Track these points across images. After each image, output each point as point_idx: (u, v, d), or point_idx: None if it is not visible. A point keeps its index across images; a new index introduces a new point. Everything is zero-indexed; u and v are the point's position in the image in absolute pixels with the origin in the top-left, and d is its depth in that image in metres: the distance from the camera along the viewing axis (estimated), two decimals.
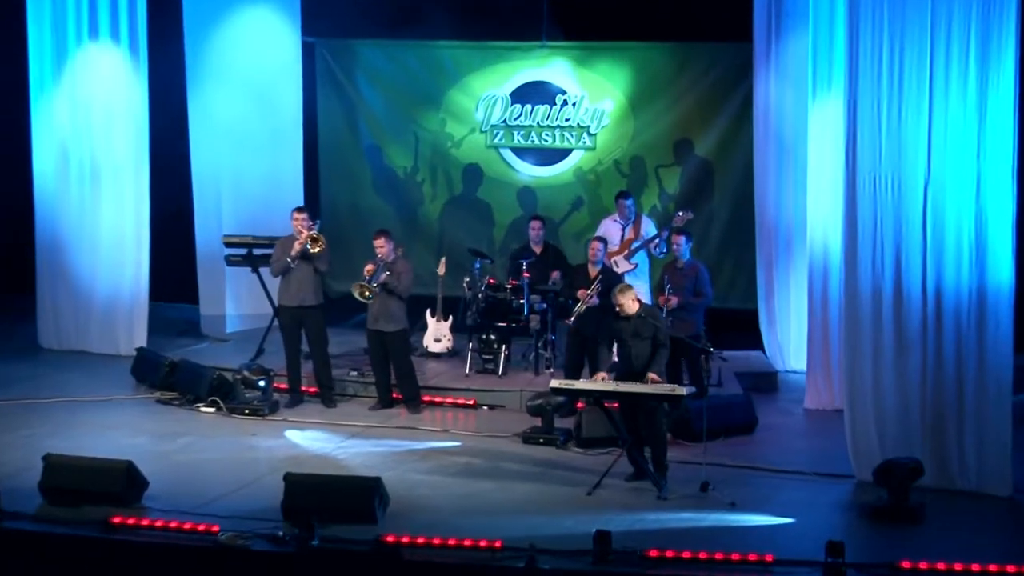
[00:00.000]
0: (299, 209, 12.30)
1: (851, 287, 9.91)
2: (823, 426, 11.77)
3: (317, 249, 12.00)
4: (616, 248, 13.21)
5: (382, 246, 12.00)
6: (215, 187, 15.10)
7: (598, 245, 12.10)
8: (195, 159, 15.03)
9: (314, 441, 11.17)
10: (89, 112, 14.11)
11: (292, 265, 12.09)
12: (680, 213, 12.83)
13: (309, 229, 12.14)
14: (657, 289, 12.10)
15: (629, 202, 13.39)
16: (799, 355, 13.31)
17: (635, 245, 13.21)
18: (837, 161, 10.19)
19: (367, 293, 11.80)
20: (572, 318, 11.76)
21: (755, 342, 14.11)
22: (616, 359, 10.29)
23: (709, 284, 12.04)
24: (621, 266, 13.12)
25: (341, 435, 11.34)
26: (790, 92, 13.23)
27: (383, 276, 11.86)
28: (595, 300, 11.71)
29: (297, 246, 12.03)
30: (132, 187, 14.12)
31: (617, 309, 10.06)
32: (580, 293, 11.80)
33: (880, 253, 9.76)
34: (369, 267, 11.89)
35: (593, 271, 12.08)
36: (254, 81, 15.16)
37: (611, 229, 13.34)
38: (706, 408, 10.13)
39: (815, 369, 12.43)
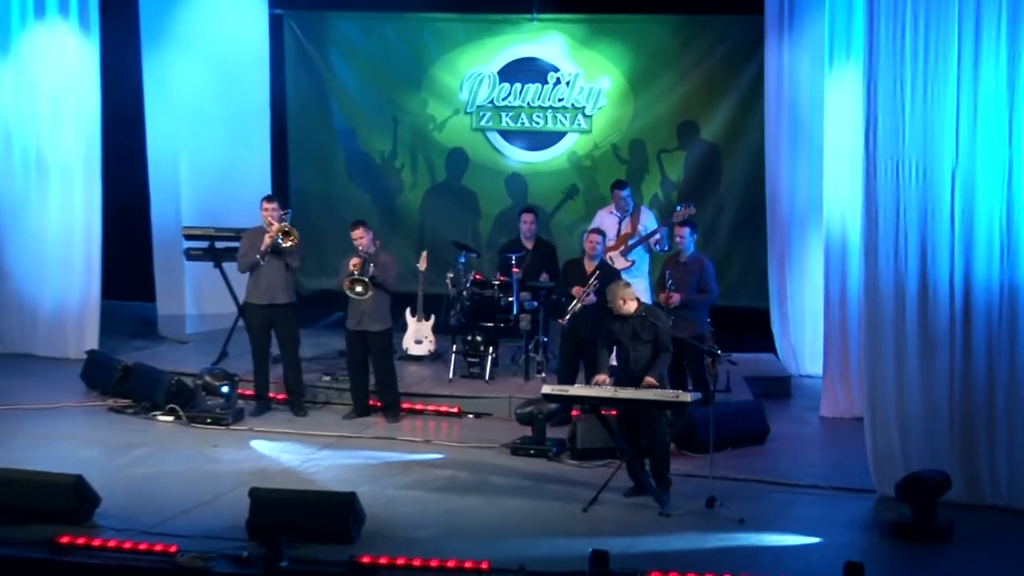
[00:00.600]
0: (269, 199, 12.30)
1: (871, 283, 9.92)
2: (841, 436, 11.78)
3: (289, 243, 12.01)
4: (612, 243, 13.22)
5: (361, 237, 12.02)
6: (173, 174, 15.13)
7: (596, 237, 12.09)
8: (152, 144, 15.06)
9: (282, 453, 11.16)
10: (35, 97, 14.10)
11: (261, 261, 12.09)
12: (680, 208, 12.79)
13: (280, 221, 12.14)
14: (658, 285, 12.13)
15: (625, 193, 13.38)
16: (815, 358, 13.34)
17: (632, 240, 13.23)
18: (857, 146, 10.17)
19: (359, 287, 11.78)
20: (566, 318, 11.75)
21: (766, 344, 14.13)
22: (615, 363, 10.31)
23: (715, 280, 12.06)
24: (616, 263, 13.11)
25: (312, 446, 11.34)
26: (806, 69, 13.31)
27: (371, 269, 11.88)
28: (592, 298, 11.74)
29: (267, 240, 12.02)
30: (82, 176, 14.13)
31: (613, 308, 10.08)
32: (575, 290, 11.82)
33: (903, 246, 9.78)
34: (355, 261, 11.91)
35: (590, 266, 12.07)
36: (216, 58, 15.18)
37: (606, 222, 13.33)
38: (712, 416, 10.04)
39: (832, 373, 12.46)
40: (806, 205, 13.50)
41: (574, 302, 11.79)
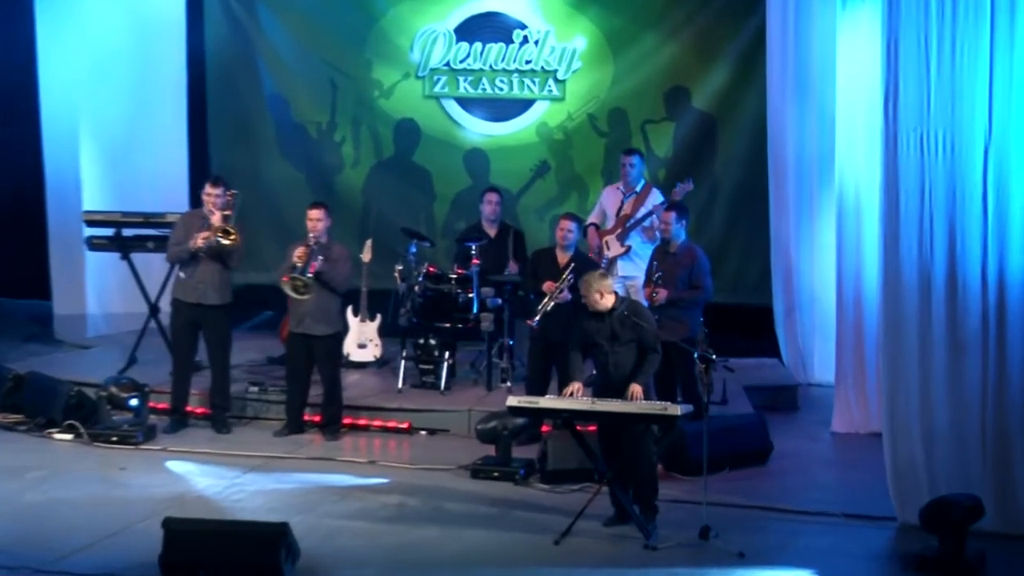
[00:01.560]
0: (213, 182, 12.31)
1: (891, 276, 9.94)
2: (856, 454, 11.83)
3: (229, 242, 12.04)
4: (613, 225, 13.33)
5: (319, 220, 12.05)
6: (72, 148, 15.13)
7: (569, 223, 12.12)
8: (46, 112, 15.06)
9: (202, 476, 11.12)
10: None
11: (193, 253, 12.14)
12: (679, 186, 12.93)
13: (226, 208, 12.14)
14: (646, 280, 12.20)
15: (634, 161, 13.38)
16: (826, 364, 13.44)
17: (630, 222, 13.28)
18: (875, 116, 10.23)
19: (300, 287, 11.81)
20: (536, 318, 11.78)
21: (769, 347, 14.21)
22: (593, 370, 10.33)
23: (708, 274, 12.06)
24: (611, 249, 13.22)
25: (237, 469, 11.31)
26: (815, 24, 13.37)
27: (317, 263, 11.92)
28: (566, 295, 11.76)
29: (199, 242, 12.05)
30: None
31: (588, 303, 10.09)
32: (547, 286, 11.85)
33: (928, 232, 9.81)
34: (300, 251, 11.90)
35: (563, 257, 12.07)
36: (125, 13, 15.17)
37: (611, 200, 13.43)
38: (707, 432, 9.95)
39: (846, 382, 12.54)
40: (816, 185, 13.62)
41: (545, 300, 11.78)
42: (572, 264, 11.88)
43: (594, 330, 10.08)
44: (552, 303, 11.75)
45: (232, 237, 11.99)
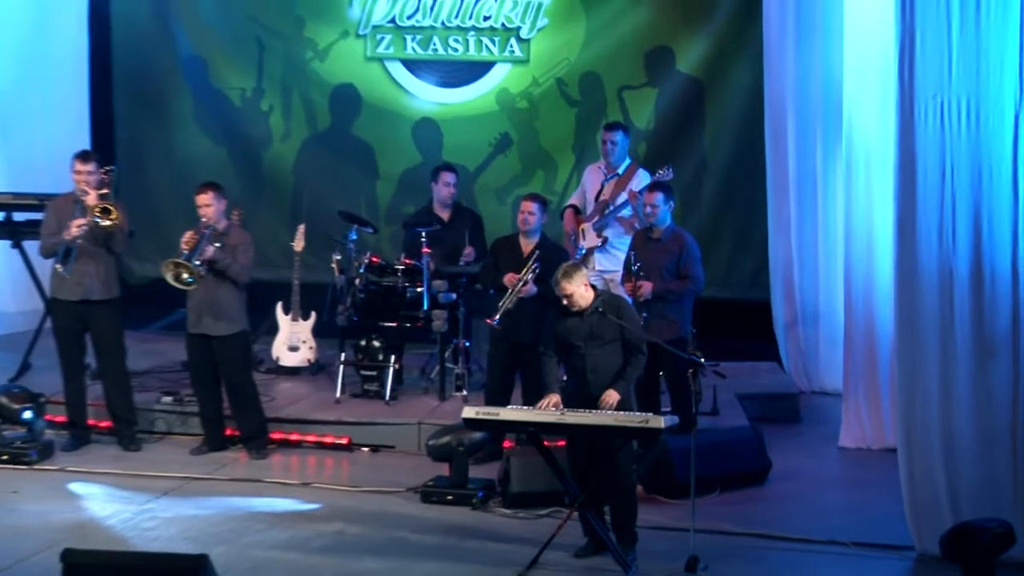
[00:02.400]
0: (83, 157, 12.26)
1: (907, 267, 9.93)
2: (867, 473, 11.88)
3: (109, 223, 11.98)
4: (591, 211, 13.36)
5: (208, 204, 12.03)
6: None
7: (531, 205, 12.12)
8: None
9: (107, 501, 11.07)
10: None
11: (71, 244, 12.04)
12: (658, 173, 12.89)
13: (100, 187, 12.08)
14: (624, 271, 12.22)
15: (617, 137, 13.35)
16: (832, 368, 13.52)
17: (609, 209, 13.30)
18: (888, 79, 10.25)
19: (185, 275, 11.81)
20: (496, 316, 11.79)
21: (767, 349, 14.25)
22: (565, 376, 10.32)
23: (699, 263, 12.06)
24: (586, 239, 13.27)
25: (148, 492, 11.28)
26: None
27: (209, 250, 11.88)
28: (531, 288, 11.77)
29: (74, 230, 11.97)
30: None
31: (563, 300, 10.05)
32: (508, 279, 11.87)
33: (950, 216, 9.80)
34: (188, 236, 11.94)
35: (527, 245, 12.07)
36: None
37: (592, 181, 13.46)
38: (695, 448, 9.88)
39: (855, 389, 12.56)
40: (822, 160, 13.63)
41: (507, 294, 11.77)
42: (536, 253, 11.87)
43: (569, 330, 10.08)
44: (515, 298, 11.74)
45: (113, 217, 11.92)
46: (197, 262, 11.82)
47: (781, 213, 14.00)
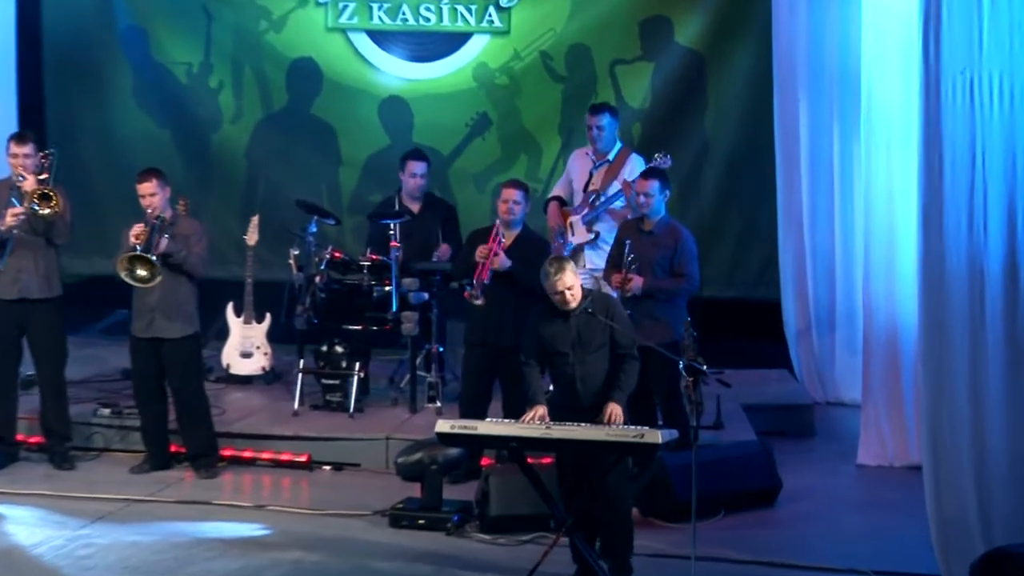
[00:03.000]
0: (19, 139, 12.30)
1: (933, 263, 9.83)
2: (888, 493, 11.88)
3: (49, 211, 11.97)
4: (579, 203, 13.32)
5: (152, 193, 12.05)
6: None
7: (514, 193, 12.18)
8: None
9: (38, 526, 11.01)
10: None
11: (7, 235, 12.05)
12: (657, 159, 12.91)
13: (38, 171, 12.10)
14: (610, 265, 12.22)
15: (604, 122, 13.25)
16: (849, 376, 13.53)
17: (601, 200, 13.24)
18: (910, 51, 10.26)
19: (144, 271, 11.79)
20: (478, 291, 11.87)
21: (777, 355, 14.28)
22: (551, 386, 10.35)
23: (695, 261, 12.04)
24: (577, 233, 13.25)
25: (84, 516, 11.20)
26: None
27: (163, 243, 11.92)
28: (503, 259, 11.89)
29: (10, 219, 11.97)
30: None
31: (556, 296, 10.03)
32: (480, 252, 11.97)
33: (980, 205, 9.71)
34: (137, 229, 11.94)
35: (508, 238, 12.19)
36: None
37: (579, 168, 13.43)
38: (696, 465, 9.71)
39: (875, 400, 12.56)
40: (840, 143, 13.63)
41: (479, 269, 11.87)
42: (518, 240, 11.97)
43: (555, 335, 10.08)
44: (488, 272, 11.87)
45: (53, 204, 11.95)
46: (152, 256, 11.83)
47: (792, 203, 14.05)
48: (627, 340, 10.08)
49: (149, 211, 11.97)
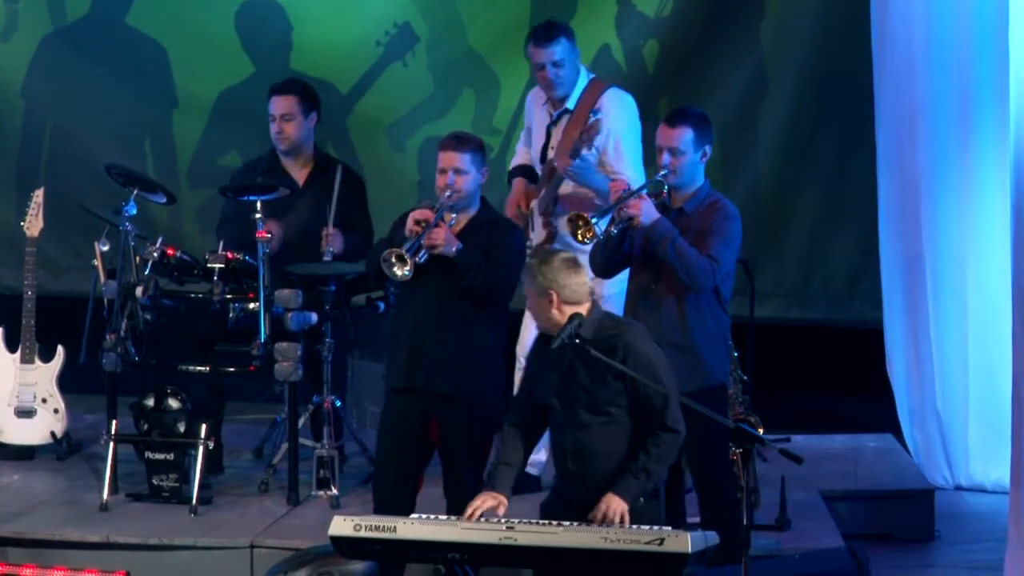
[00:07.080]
0: None
1: None
2: None
3: None
4: (541, 178, 11.68)
5: None
6: None
7: (456, 159, 10.30)
8: None
9: None
10: None
11: None
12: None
13: None
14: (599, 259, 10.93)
15: (558, 52, 11.37)
16: (991, 451, 12.07)
17: (598, 191, 11.28)
18: None
19: None
20: (408, 267, 9.96)
21: (876, 413, 12.75)
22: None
23: (732, 246, 10.13)
24: (536, 231, 11.50)
25: None
26: None
27: None
28: (449, 239, 10.12)
29: None
30: None
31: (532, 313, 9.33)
32: (417, 215, 10.07)
33: None
34: None
35: (457, 223, 10.31)
36: None
37: (537, 122, 11.66)
38: None
39: None
40: (974, 96, 11.89)
41: (412, 243, 9.94)
42: (462, 222, 10.09)
43: (537, 376, 9.15)
44: (423, 252, 9.99)
45: None
46: None
47: (904, 172, 12.03)
48: (657, 398, 8.84)
49: None
